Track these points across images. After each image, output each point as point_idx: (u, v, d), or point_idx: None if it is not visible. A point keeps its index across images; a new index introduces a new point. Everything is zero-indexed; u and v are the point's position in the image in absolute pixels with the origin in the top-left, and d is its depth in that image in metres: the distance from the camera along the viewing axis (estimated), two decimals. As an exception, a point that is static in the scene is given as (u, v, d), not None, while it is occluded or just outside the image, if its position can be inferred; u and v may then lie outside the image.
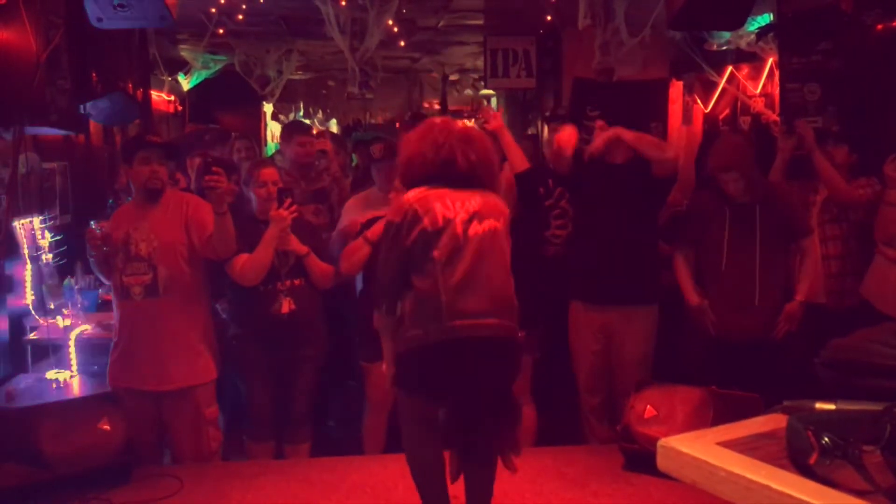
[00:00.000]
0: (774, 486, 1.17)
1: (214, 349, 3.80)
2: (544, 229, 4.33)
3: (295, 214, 3.70)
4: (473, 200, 2.87)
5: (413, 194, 2.88)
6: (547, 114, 5.18)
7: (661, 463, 1.33)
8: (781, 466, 1.23)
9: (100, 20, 4.01)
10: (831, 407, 1.36)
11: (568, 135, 4.13)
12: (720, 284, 3.85)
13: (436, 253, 2.79)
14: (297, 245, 3.75)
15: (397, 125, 10.07)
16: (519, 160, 4.08)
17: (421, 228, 2.81)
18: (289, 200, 3.69)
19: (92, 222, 3.64)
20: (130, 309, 3.63)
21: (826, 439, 1.18)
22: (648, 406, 3.65)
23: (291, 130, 5.06)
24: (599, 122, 4.06)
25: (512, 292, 2.90)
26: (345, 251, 3.82)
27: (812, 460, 1.19)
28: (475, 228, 2.82)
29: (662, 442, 1.33)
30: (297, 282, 3.81)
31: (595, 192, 4.02)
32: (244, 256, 3.68)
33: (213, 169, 3.49)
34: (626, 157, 3.98)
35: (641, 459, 3.53)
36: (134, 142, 3.88)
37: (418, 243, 2.82)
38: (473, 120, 15.51)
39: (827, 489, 1.16)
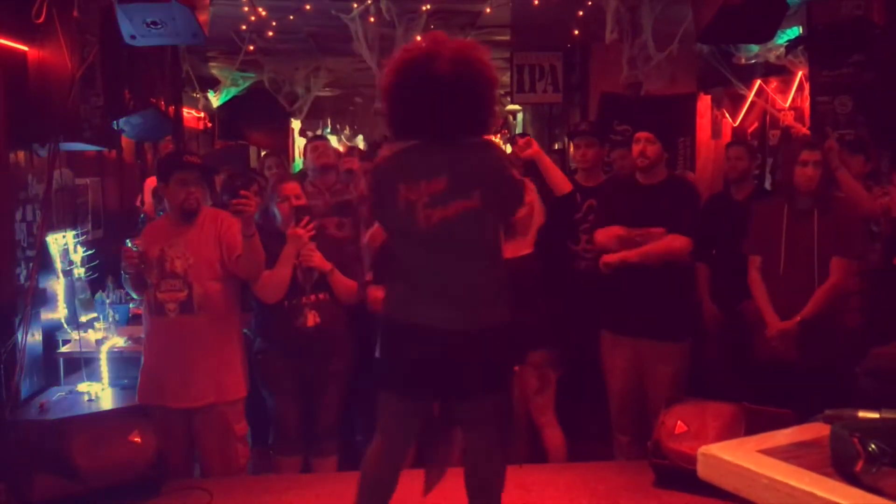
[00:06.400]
0: (819, 493, 1.15)
1: (245, 365, 3.80)
2: (574, 244, 4.31)
3: (312, 233, 3.70)
4: (440, 176, 2.58)
5: (382, 160, 2.75)
6: (570, 129, 5.15)
7: (702, 471, 1.31)
8: (825, 475, 1.21)
9: (133, 38, 4.07)
10: (875, 416, 1.34)
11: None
12: (778, 291, 3.71)
13: (394, 243, 2.69)
14: (321, 262, 3.75)
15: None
16: (562, 182, 3.94)
17: (385, 205, 2.67)
18: (306, 219, 3.69)
19: (128, 240, 3.66)
20: (164, 325, 3.63)
21: (873, 446, 1.16)
22: (679, 422, 3.59)
23: (307, 141, 5.15)
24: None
25: (488, 281, 2.65)
26: (371, 298, 3.74)
27: (858, 468, 1.16)
28: (438, 214, 2.57)
29: (703, 449, 1.30)
30: (321, 296, 3.81)
31: (627, 214, 3.89)
32: (265, 274, 3.69)
33: (241, 193, 3.50)
34: (661, 177, 3.95)
35: (672, 475, 3.49)
36: (171, 161, 3.87)
37: (383, 223, 2.73)
38: (499, 137, 15.56)
39: (873, 497, 1.13)
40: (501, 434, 2.81)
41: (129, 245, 3.63)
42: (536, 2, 5.64)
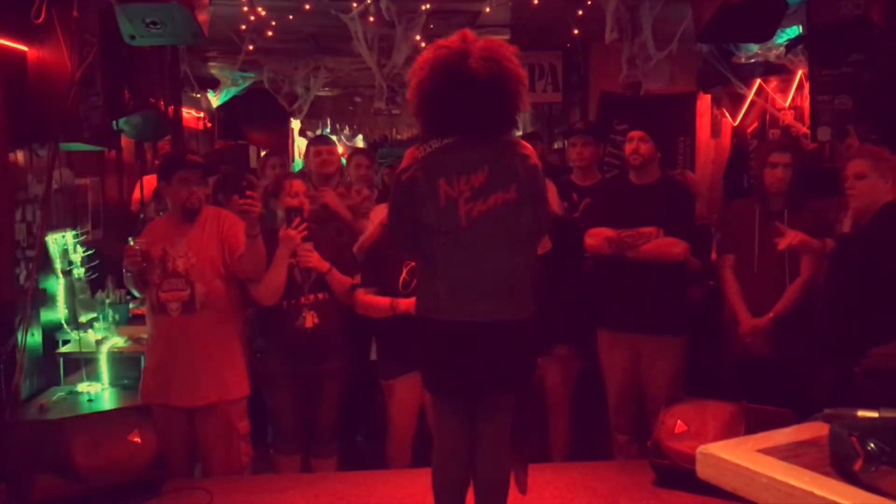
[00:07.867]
0: (818, 492, 1.14)
1: (246, 364, 3.81)
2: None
3: (304, 233, 3.70)
4: (481, 169, 2.68)
5: (421, 156, 2.75)
6: (567, 128, 5.14)
7: (701, 470, 1.30)
8: (825, 474, 1.20)
9: (133, 38, 4.06)
10: (874, 415, 1.33)
11: None
12: (752, 289, 3.78)
13: (435, 236, 2.70)
14: (318, 262, 3.75)
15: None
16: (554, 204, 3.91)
17: (423, 204, 2.71)
18: (297, 220, 3.68)
19: (130, 239, 3.66)
20: (166, 325, 3.63)
21: (871, 445, 1.16)
22: (679, 421, 3.59)
23: (310, 143, 5.13)
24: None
25: (513, 270, 2.72)
26: (366, 303, 3.75)
27: (857, 467, 1.16)
28: (479, 208, 2.67)
29: (702, 449, 1.30)
30: (320, 296, 3.81)
31: (621, 213, 3.89)
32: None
33: (248, 193, 3.50)
34: (654, 177, 3.94)
35: (672, 475, 3.49)
36: (173, 160, 3.85)
37: (420, 216, 2.72)
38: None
39: (872, 496, 1.13)
40: (521, 427, 2.88)
41: (132, 243, 3.63)
42: (536, 1, 5.63)
